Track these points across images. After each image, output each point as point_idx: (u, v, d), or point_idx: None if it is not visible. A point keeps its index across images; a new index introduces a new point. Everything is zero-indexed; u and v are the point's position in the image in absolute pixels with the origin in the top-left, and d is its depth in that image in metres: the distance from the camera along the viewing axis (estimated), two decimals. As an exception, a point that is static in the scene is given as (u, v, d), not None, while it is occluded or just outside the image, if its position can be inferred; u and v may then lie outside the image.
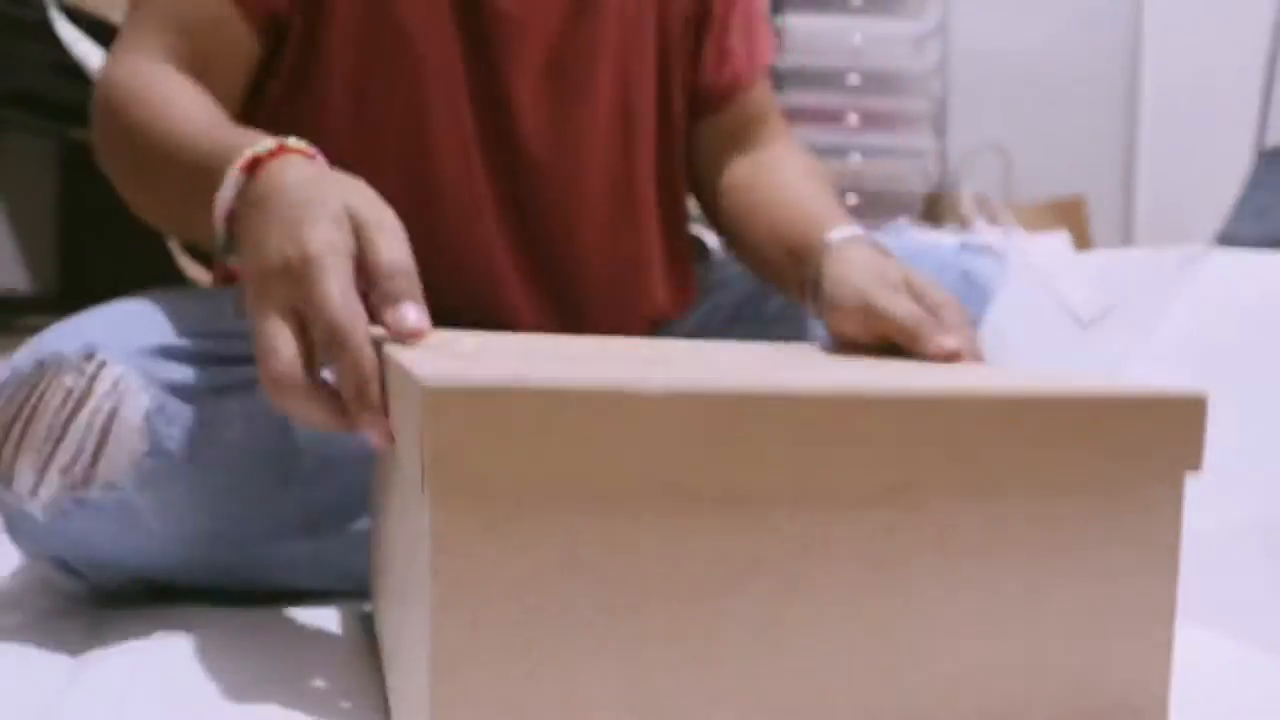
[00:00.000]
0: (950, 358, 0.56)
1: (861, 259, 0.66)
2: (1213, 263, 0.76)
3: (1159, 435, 0.41)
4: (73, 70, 1.32)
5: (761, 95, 0.89)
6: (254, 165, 0.52)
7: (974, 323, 0.82)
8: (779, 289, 0.79)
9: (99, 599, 0.64)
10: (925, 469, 0.36)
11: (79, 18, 1.34)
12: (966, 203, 2.52)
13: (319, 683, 0.51)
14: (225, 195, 0.53)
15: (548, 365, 0.38)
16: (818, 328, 0.81)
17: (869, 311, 0.61)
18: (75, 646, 0.56)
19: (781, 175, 0.83)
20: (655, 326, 0.86)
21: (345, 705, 0.48)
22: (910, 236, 0.96)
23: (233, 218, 0.53)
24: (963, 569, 0.37)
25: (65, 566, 0.61)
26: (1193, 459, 0.42)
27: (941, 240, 0.91)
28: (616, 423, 0.33)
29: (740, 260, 0.85)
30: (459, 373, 0.33)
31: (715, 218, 0.88)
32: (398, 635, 0.42)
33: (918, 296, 0.62)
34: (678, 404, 0.33)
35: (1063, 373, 0.47)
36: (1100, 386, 0.42)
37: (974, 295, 0.87)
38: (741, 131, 0.87)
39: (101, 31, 1.34)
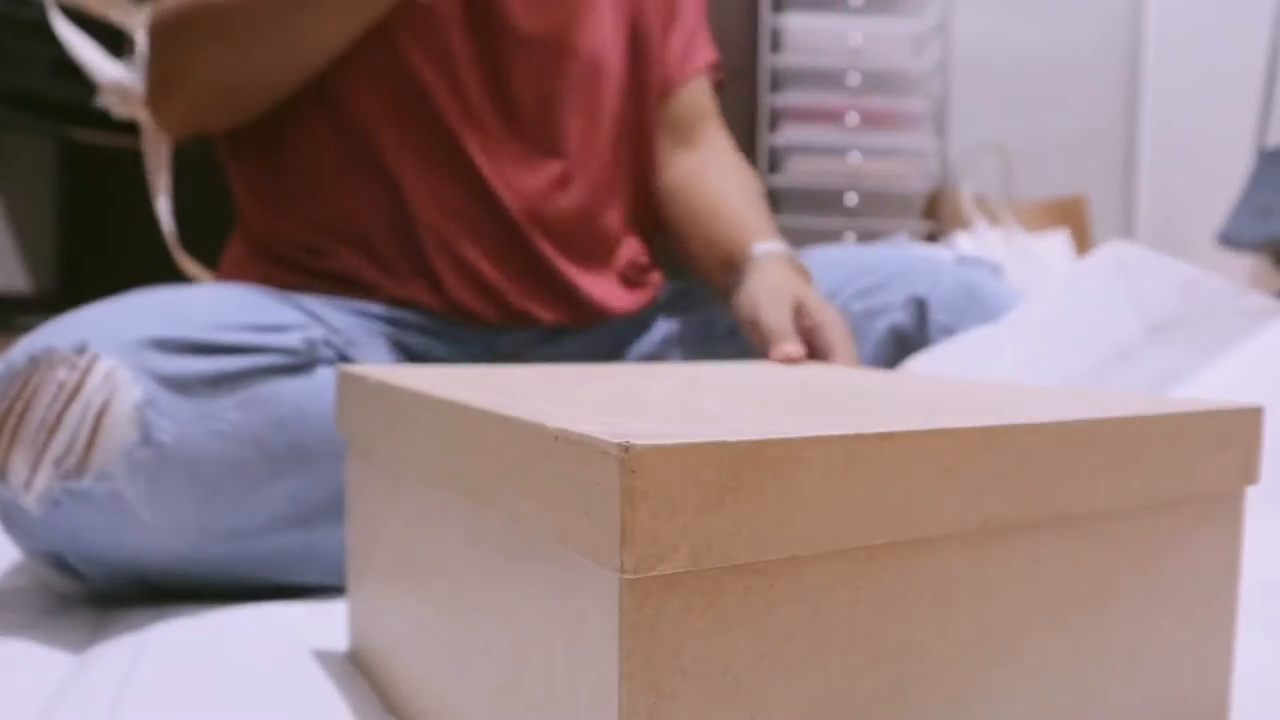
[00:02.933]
0: (784, 360, 0.66)
1: (772, 276, 0.75)
2: None
3: (1218, 448, 0.42)
4: (73, 70, 1.32)
5: (698, 97, 0.94)
6: None
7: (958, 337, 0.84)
8: (712, 291, 0.87)
9: (98, 598, 0.64)
10: (1000, 497, 0.35)
11: (79, 18, 1.34)
12: (966, 203, 2.52)
13: (317, 679, 0.51)
14: None
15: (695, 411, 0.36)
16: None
17: (755, 323, 0.71)
18: (75, 645, 0.56)
19: (718, 185, 0.89)
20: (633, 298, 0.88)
21: (344, 702, 0.48)
22: (907, 250, 0.96)
23: None
24: (1032, 594, 0.37)
25: (62, 565, 0.61)
26: (1251, 471, 0.43)
27: (938, 254, 0.91)
28: (824, 472, 0.31)
29: (681, 259, 0.92)
30: (647, 429, 0.30)
31: (660, 211, 0.92)
32: (460, 680, 0.41)
33: (800, 312, 0.70)
34: (896, 444, 0.32)
35: (1103, 393, 0.47)
36: (1153, 403, 0.42)
37: (974, 309, 0.87)
38: (677, 129, 0.92)
39: (101, 31, 1.34)
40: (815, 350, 0.69)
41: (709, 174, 0.90)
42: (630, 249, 0.89)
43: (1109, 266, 0.85)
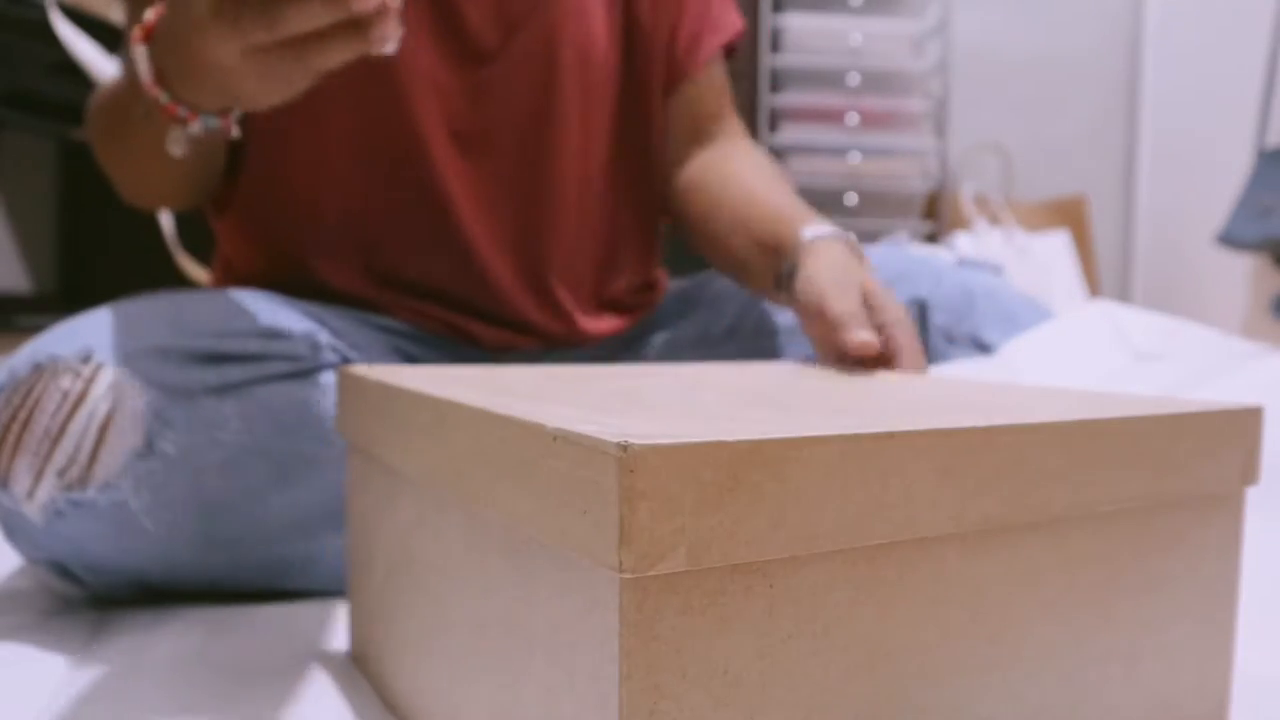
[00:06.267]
0: (860, 349, 0.60)
1: (833, 258, 0.68)
2: None
3: (1218, 449, 0.42)
4: (73, 70, 1.32)
5: (711, 87, 0.89)
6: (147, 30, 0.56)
7: (957, 339, 0.83)
8: (740, 280, 0.81)
9: (98, 600, 0.64)
10: (1000, 497, 0.35)
11: (79, 18, 1.34)
12: (966, 203, 2.52)
13: (317, 680, 0.51)
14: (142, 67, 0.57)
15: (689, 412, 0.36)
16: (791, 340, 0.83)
17: (821, 310, 0.63)
18: (75, 646, 0.56)
19: (742, 171, 0.84)
20: (624, 311, 0.88)
21: (344, 702, 0.48)
22: (908, 251, 0.96)
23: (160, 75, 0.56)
24: (1032, 593, 0.37)
25: (63, 572, 0.61)
26: (1251, 471, 0.43)
27: (939, 255, 0.91)
28: (828, 472, 0.31)
29: (699, 251, 0.87)
30: (646, 429, 0.30)
31: (673, 208, 0.89)
32: (460, 680, 0.41)
33: (870, 303, 0.64)
34: (895, 443, 0.32)
35: (1111, 394, 0.47)
36: (1153, 404, 0.42)
37: (974, 311, 0.87)
38: (694, 123, 0.88)
39: (101, 31, 1.34)
40: (882, 351, 0.63)
41: (734, 162, 0.86)
42: (626, 272, 0.88)
43: (1094, 315, 0.86)
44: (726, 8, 0.91)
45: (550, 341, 0.83)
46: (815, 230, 0.72)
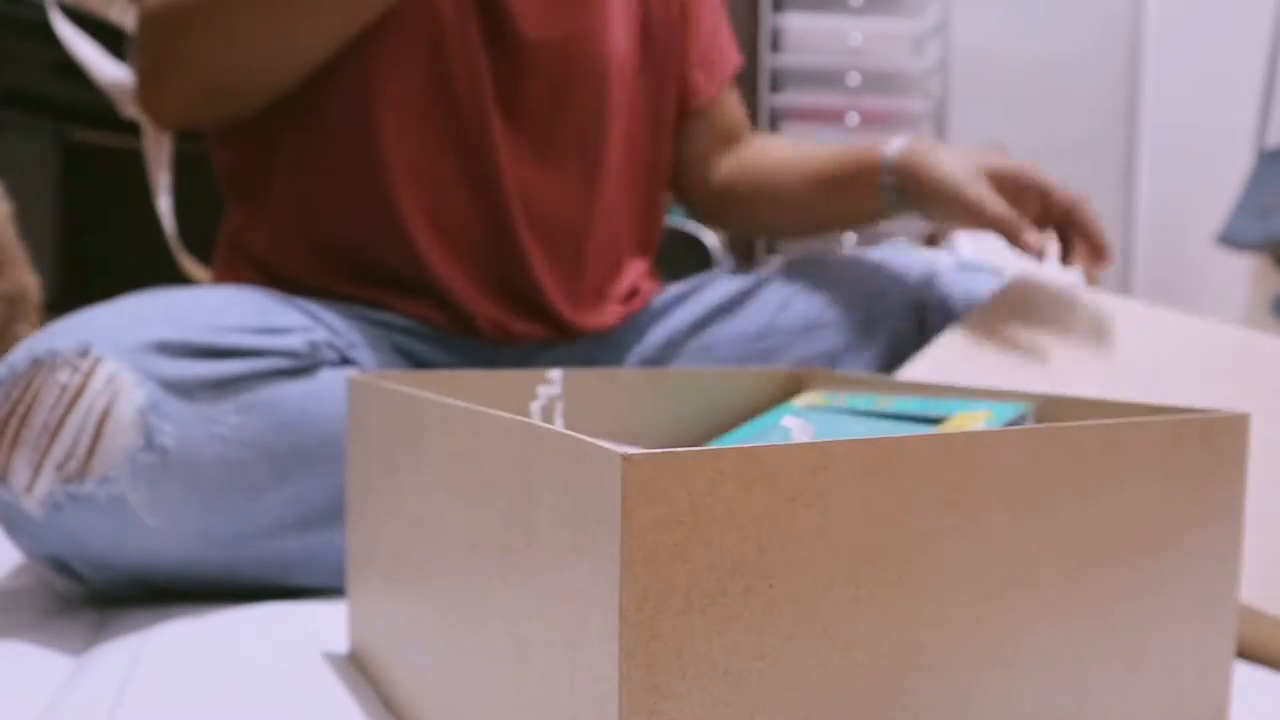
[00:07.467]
0: (1039, 253, 0.71)
1: (940, 157, 0.78)
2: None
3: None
4: (73, 70, 1.32)
5: (732, 106, 0.97)
6: None
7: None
8: (826, 226, 0.90)
9: (99, 599, 0.64)
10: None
11: (79, 18, 1.34)
12: (966, 203, 2.51)
13: (317, 680, 0.51)
14: None
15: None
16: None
17: (966, 206, 0.74)
18: (75, 645, 0.56)
19: (786, 145, 0.93)
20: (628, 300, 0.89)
21: (344, 702, 0.48)
22: (907, 254, 0.96)
23: None
24: (1032, 593, 0.37)
25: (63, 568, 0.61)
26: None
27: (939, 258, 0.91)
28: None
29: (764, 227, 0.95)
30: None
31: (717, 209, 0.96)
32: (460, 680, 0.41)
33: (1001, 183, 0.75)
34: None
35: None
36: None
37: None
38: (724, 133, 0.96)
39: (101, 31, 1.34)
40: (1058, 221, 0.75)
41: (775, 142, 0.94)
42: (632, 264, 0.89)
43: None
44: (730, 40, 0.98)
45: (554, 330, 0.83)
46: (896, 144, 0.82)
